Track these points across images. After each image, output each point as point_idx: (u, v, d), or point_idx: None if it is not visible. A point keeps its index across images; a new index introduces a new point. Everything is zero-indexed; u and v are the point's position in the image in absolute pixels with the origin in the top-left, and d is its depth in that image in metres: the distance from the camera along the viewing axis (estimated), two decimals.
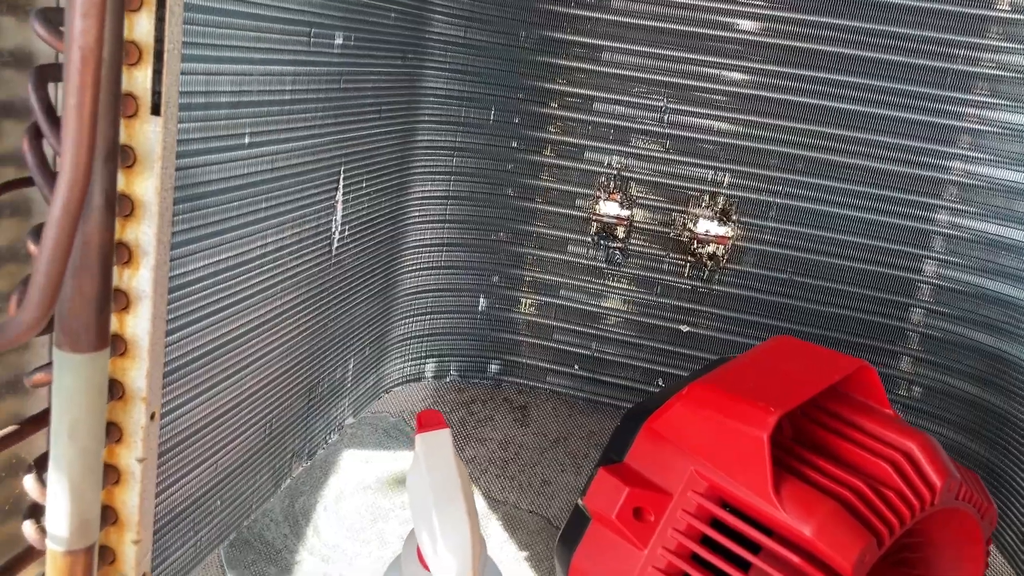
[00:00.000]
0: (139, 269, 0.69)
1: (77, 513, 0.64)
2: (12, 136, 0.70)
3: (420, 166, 1.52)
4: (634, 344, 1.71)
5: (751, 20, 1.52)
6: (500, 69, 1.60)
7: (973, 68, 1.44)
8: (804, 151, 1.54)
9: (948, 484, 0.82)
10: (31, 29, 0.63)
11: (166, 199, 0.69)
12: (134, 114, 0.66)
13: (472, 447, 1.54)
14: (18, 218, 0.73)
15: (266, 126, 0.91)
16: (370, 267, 1.35)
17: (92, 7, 0.45)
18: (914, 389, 1.58)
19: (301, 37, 0.96)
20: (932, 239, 1.53)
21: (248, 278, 0.93)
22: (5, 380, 0.75)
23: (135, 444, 0.72)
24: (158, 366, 0.73)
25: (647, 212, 1.65)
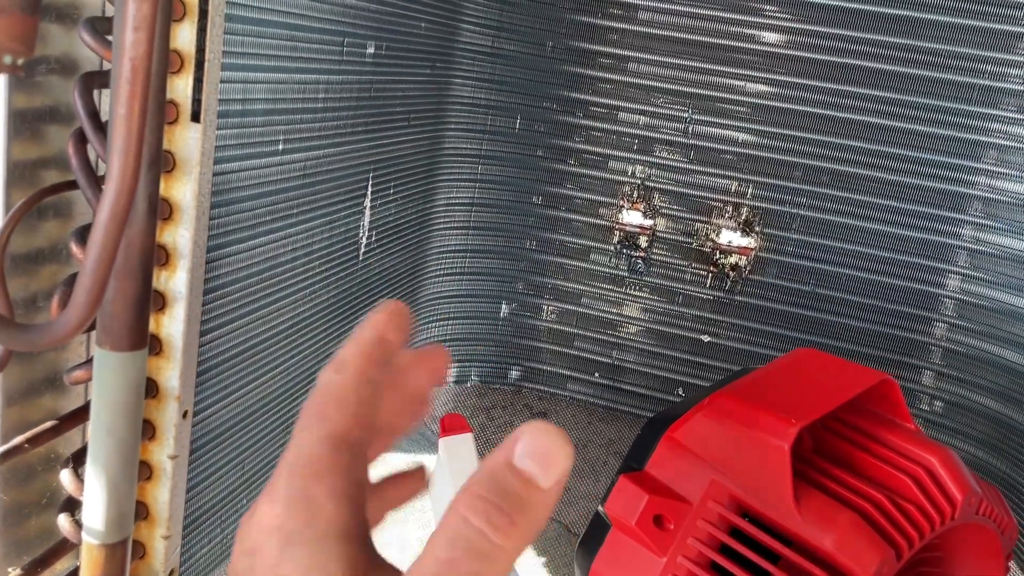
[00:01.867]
0: (176, 271, 0.71)
1: (113, 507, 0.66)
2: (57, 140, 0.72)
3: (446, 173, 1.54)
4: (654, 353, 1.72)
5: (776, 33, 1.52)
6: (526, 78, 1.61)
7: (1000, 84, 1.44)
8: (828, 163, 1.55)
9: (968, 499, 0.82)
10: (78, 37, 0.65)
11: (203, 204, 0.71)
12: (175, 121, 0.68)
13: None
14: (60, 219, 0.75)
15: (299, 133, 0.93)
16: (396, 272, 1.37)
17: (143, 20, 0.47)
18: (936, 404, 1.58)
19: (335, 47, 0.98)
20: (956, 254, 1.52)
21: (279, 281, 0.95)
22: (43, 377, 0.77)
23: (168, 441, 0.74)
24: (191, 366, 0.75)
25: (670, 222, 1.66)
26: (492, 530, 0.22)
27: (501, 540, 0.22)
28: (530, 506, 0.23)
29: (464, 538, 0.22)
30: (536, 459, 0.23)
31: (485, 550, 0.22)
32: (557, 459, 0.23)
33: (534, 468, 0.23)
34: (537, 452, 0.23)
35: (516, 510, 0.23)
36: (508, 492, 0.23)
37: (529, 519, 0.23)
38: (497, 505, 0.23)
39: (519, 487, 0.23)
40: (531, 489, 0.23)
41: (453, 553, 0.22)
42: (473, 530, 0.22)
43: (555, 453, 0.23)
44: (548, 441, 0.23)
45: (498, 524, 0.22)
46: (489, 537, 0.22)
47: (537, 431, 0.23)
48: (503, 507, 0.23)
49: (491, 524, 0.22)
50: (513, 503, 0.23)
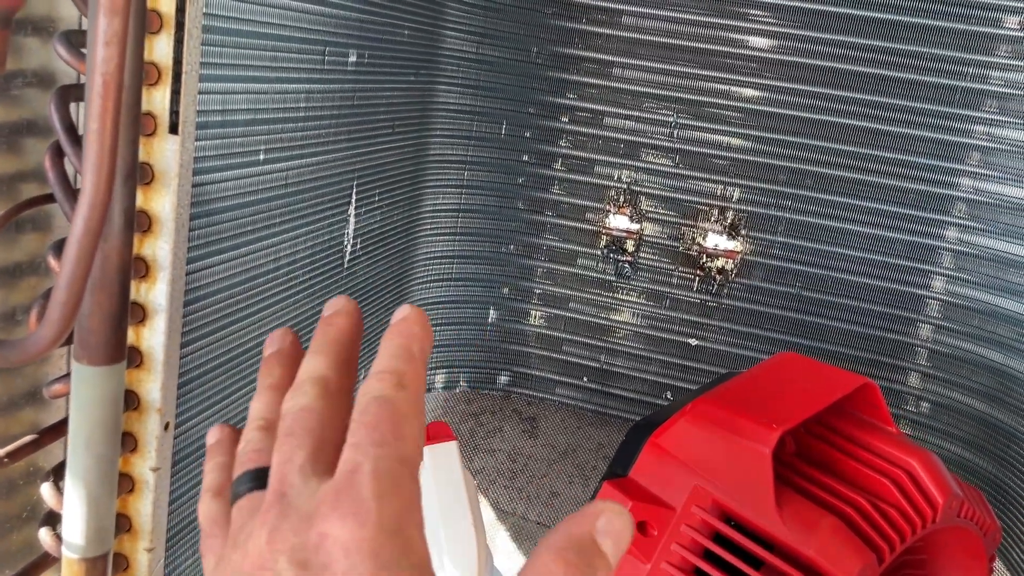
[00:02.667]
0: (156, 283, 0.71)
1: (92, 521, 0.66)
2: (34, 154, 0.72)
3: (432, 180, 1.54)
4: (643, 357, 1.72)
5: (761, 37, 1.53)
6: (512, 84, 1.62)
7: (982, 86, 1.45)
8: (813, 167, 1.55)
9: (950, 501, 0.82)
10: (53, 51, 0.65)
11: (182, 215, 0.71)
12: (152, 133, 0.68)
13: (481, 458, 1.55)
14: (39, 233, 0.74)
15: (280, 143, 0.93)
16: (382, 279, 1.37)
17: (114, 36, 0.47)
18: (922, 405, 1.58)
19: (315, 56, 0.98)
20: (941, 255, 1.53)
21: (262, 291, 0.95)
22: (24, 391, 0.77)
23: (150, 454, 0.74)
24: (173, 378, 0.75)
25: (657, 226, 1.66)
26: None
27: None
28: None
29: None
30: (613, 540, 0.28)
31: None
32: (625, 543, 0.28)
33: (610, 548, 0.27)
34: (614, 533, 0.28)
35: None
36: (590, 564, 0.27)
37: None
38: (583, 571, 0.26)
39: (599, 562, 0.27)
40: (604, 565, 0.27)
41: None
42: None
43: (626, 538, 0.28)
44: (623, 527, 0.28)
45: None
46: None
47: (616, 515, 0.28)
48: (587, 573, 0.26)
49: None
50: (591, 573, 0.27)
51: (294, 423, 0.29)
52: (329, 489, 0.26)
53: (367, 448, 0.27)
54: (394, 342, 0.30)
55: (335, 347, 0.33)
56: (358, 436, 0.27)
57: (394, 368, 0.29)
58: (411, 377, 0.29)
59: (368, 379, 0.29)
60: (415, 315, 0.32)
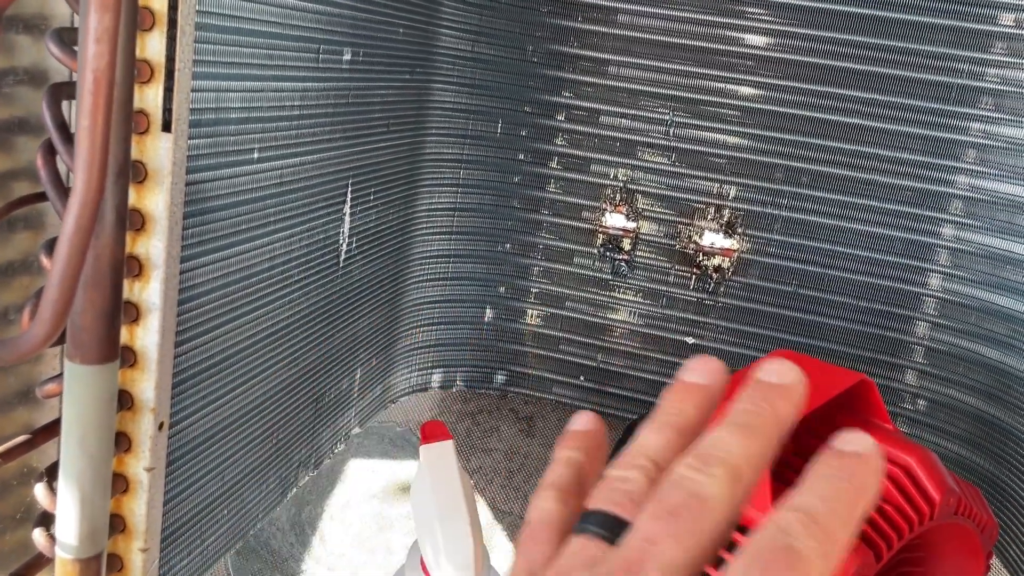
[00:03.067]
0: (149, 282, 0.71)
1: (86, 521, 0.66)
2: (27, 152, 0.71)
3: (427, 178, 1.54)
4: (640, 356, 1.72)
5: (757, 35, 1.53)
6: (507, 82, 1.61)
7: (978, 83, 1.45)
8: (809, 164, 1.55)
9: (947, 499, 0.82)
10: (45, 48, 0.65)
11: (176, 214, 0.71)
12: (145, 131, 0.68)
13: (478, 457, 1.55)
14: (31, 231, 0.74)
15: (275, 141, 0.93)
16: (377, 279, 1.37)
17: (105, 32, 0.47)
18: (919, 402, 1.58)
19: (310, 54, 0.98)
20: (937, 253, 1.53)
21: (256, 290, 0.94)
22: (17, 390, 0.76)
23: (143, 454, 0.73)
24: (167, 377, 0.75)
25: (653, 224, 1.66)
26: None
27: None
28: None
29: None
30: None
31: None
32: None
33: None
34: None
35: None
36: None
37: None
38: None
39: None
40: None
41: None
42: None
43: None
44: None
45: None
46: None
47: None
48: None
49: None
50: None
51: (684, 505, 0.24)
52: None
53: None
54: (838, 486, 0.24)
55: (766, 439, 0.26)
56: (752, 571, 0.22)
57: (823, 520, 0.23)
58: (837, 550, 0.23)
59: (782, 510, 0.24)
60: (877, 459, 0.24)
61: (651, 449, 0.27)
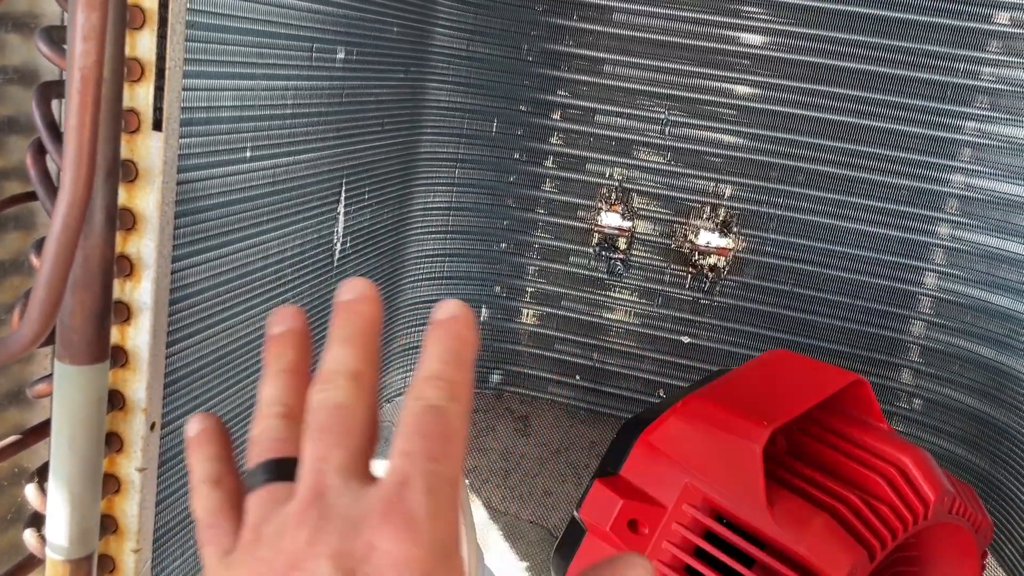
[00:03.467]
0: (140, 282, 0.70)
1: (77, 522, 0.65)
2: (16, 151, 0.71)
3: (422, 178, 1.53)
4: (635, 355, 1.71)
5: (753, 34, 1.53)
6: (502, 81, 1.61)
7: (973, 82, 1.45)
8: (805, 164, 1.55)
9: (941, 498, 0.82)
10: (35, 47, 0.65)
11: (167, 213, 0.70)
12: (136, 130, 0.67)
13: (473, 457, 1.55)
14: (21, 231, 0.74)
15: (267, 140, 0.92)
16: (372, 278, 1.36)
17: (92, 30, 0.46)
18: (914, 401, 1.58)
19: (303, 52, 0.97)
20: (933, 252, 1.53)
21: (249, 290, 0.94)
22: (8, 391, 0.76)
23: (135, 454, 0.73)
24: (158, 377, 0.74)
25: (649, 224, 1.66)
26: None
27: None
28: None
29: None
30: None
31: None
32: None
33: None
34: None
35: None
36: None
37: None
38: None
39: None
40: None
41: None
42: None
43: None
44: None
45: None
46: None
47: (643, 569, 0.28)
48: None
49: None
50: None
51: (330, 419, 0.28)
52: (378, 498, 0.25)
53: (420, 461, 0.26)
54: (445, 344, 0.29)
55: (364, 338, 0.30)
56: (412, 444, 0.26)
57: (448, 376, 0.28)
58: (463, 389, 0.28)
59: (420, 381, 0.28)
60: (466, 315, 0.30)
61: (274, 396, 0.31)
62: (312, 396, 0.29)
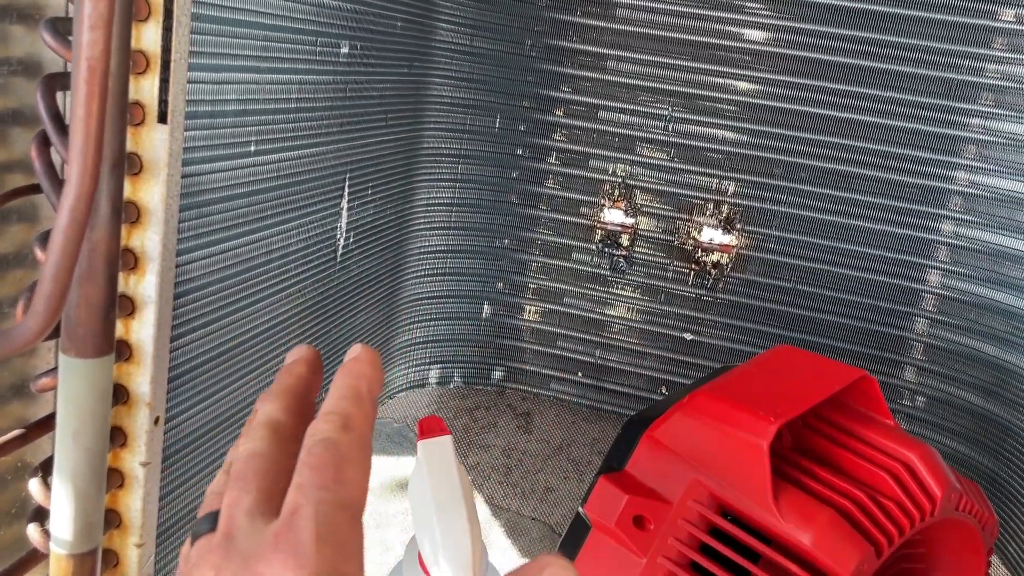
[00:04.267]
0: (145, 275, 0.70)
1: (81, 517, 0.65)
2: (20, 143, 0.71)
3: (425, 173, 1.53)
4: (638, 352, 1.71)
5: (756, 30, 1.52)
6: (505, 77, 1.61)
7: (978, 79, 1.44)
8: (808, 160, 1.55)
9: (948, 495, 0.82)
10: (40, 38, 0.64)
11: (172, 206, 0.70)
12: (141, 122, 0.67)
13: (475, 453, 1.54)
14: (25, 224, 0.73)
15: (272, 134, 0.92)
16: (375, 273, 1.36)
17: (100, 19, 0.46)
18: (918, 399, 1.58)
19: (307, 46, 0.97)
20: (936, 249, 1.53)
21: (253, 284, 0.94)
22: (11, 384, 0.75)
23: (139, 448, 0.73)
24: (163, 371, 0.74)
25: (651, 220, 1.65)
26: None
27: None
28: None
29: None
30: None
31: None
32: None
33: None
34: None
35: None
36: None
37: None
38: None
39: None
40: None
41: None
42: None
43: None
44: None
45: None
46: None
47: (562, 570, 0.28)
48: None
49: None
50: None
51: (244, 466, 0.30)
52: (270, 532, 0.27)
53: (309, 491, 0.27)
54: (343, 382, 0.31)
55: (290, 393, 0.33)
56: (302, 477, 0.28)
57: (342, 409, 0.30)
58: (358, 419, 0.30)
59: (316, 420, 0.30)
60: (366, 355, 0.33)
61: (229, 455, 0.32)
62: (235, 450, 0.31)
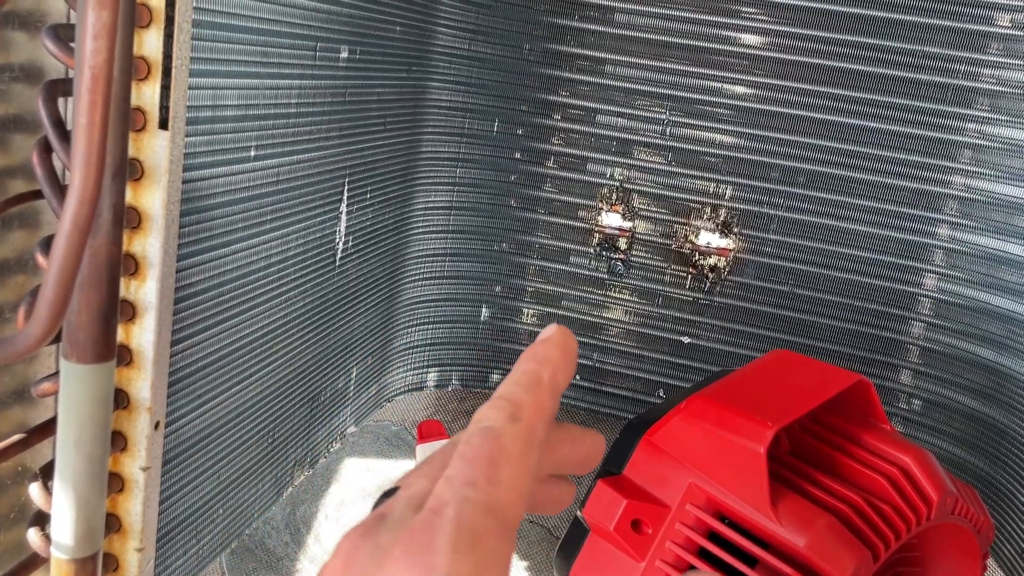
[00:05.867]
0: (146, 280, 0.70)
1: (82, 521, 0.65)
2: (22, 149, 0.71)
3: (424, 177, 1.53)
4: (635, 355, 1.72)
5: (753, 34, 1.53)
6: (504, 81, 1.61)
7: (974, 83, 1.45)
8: (806, 164, 1.55)
9: (944, 499, 0.82)
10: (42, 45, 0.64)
11: (173, 212, 0.70)
12: (142, 128, 0.67)
13: None
14: (27, 230, 0.74)
15: (271, 139, 0.92)
16: (373, 277, 1.36)
17: (103, 28, 0.46)
18: (914, 402, 1.58)
19: (307, 52, 0.97)
20: (933, 253, 1.53)
21: (253, 289, 0.94)
22: (12, 389, 0.76)
23: (139, 453, 0.73)
24: (163, 376, 0.74)
25: (649, 224, 1.66)
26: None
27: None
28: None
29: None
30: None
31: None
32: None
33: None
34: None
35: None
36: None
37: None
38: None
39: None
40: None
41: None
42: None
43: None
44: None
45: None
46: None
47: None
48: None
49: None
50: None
51: (433, 453, 0.28)
52: (409, 527, 0.24)
53: (457, 487, 0.24)
54: (523, 366, 0.28)
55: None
56: (454, 469, 0.25)
57: (513, 396, 0.26)
58: (529, 410, 0.26)
59: (485, 404, 0.27)
60: (557, 336, 0.28)
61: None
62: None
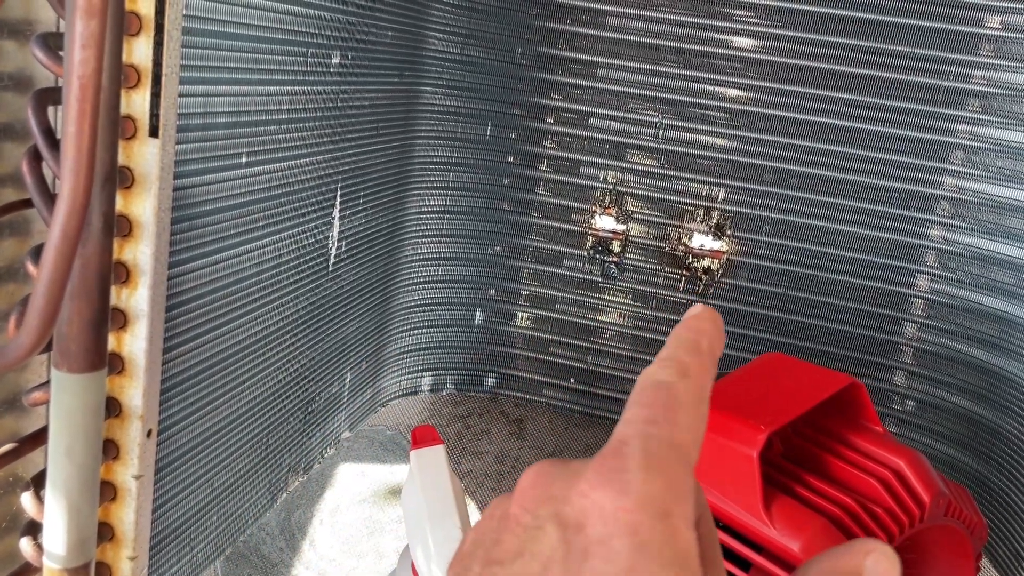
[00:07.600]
0: (137, 288, 0.70)
1: (75, 531, 0.65)
2: (11, 158, 0.71)
3: (417, 181, 1.53)
4: (630, 357, 1.72)
5: (745, 37, 1.53)
6: (496, 85, 1.61)
7: (964, 85, 1.46)
8: (798, 167, 1.56)
9: (936, 501, 0.82)
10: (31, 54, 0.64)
11: (164, 219, 0.70)
12: (132, 136, 0.67)
13: (468, 460, 1.54)
14: (17, 238, 0.73)
15: (263, 145, 0.92)
16: (367, 282, 1.36)
17: (91, 38, 0.46)
18: (907, 403, 1.59)
19: (298, 57, 0.97)
20: (925, 254, 1.54)
21: (245, 295, 0.94)
22: (3, 398, 0.75)
23: (132, 461, 0.73)
24: (155, 384, 0.74)
25: (642, 226, 1.66)
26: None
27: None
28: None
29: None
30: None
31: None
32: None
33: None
34: (881, 574, 0.26)
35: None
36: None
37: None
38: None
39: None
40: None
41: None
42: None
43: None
44: (891, 569, 0.26)
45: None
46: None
47: (886, 556, 0.26)
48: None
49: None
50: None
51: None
52: (598, 456, 0.26)
53: (639, 425, 0.26)
54: (681, 335, 0.29)
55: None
56: (630, 413, 0.26)
57: (678, 357, 0.28)
58: (696, 369, 0.28)
59: (649, 367, 0.28)
60: (708, 313, 0.31)
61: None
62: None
